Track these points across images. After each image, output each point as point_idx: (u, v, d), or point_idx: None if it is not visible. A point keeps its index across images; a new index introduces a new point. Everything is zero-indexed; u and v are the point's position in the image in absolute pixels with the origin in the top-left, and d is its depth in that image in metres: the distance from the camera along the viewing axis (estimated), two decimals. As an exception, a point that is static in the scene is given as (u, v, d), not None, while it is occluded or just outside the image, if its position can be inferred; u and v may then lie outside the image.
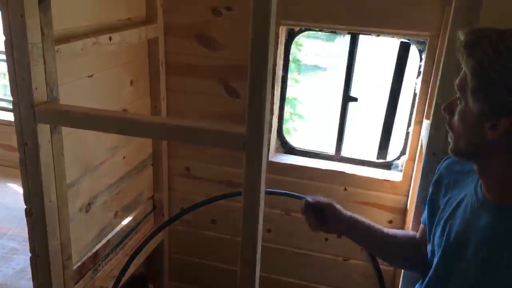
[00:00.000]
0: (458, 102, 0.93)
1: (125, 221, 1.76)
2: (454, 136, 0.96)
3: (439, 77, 1.33)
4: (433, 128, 1.31)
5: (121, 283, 1.67)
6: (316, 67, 6.73)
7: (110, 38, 1.39)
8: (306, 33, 1.84)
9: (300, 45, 3.90)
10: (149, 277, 2.09)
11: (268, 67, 0.92)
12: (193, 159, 1.95)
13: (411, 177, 1.73)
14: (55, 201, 1.21)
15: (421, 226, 1.21)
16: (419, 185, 1.36)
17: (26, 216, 1.19)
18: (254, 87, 0.93)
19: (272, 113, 1.83)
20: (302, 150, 1.93)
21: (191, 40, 1.77)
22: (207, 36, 1.76)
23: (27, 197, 1.17)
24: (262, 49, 0.90)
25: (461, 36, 0.91)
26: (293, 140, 1.96)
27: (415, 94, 1.72)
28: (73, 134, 1.33)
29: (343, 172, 1.80)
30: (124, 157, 1.68)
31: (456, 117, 0.94)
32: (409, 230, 1.56)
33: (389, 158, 1.85)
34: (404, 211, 1.77)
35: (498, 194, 0.94)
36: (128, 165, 1.72)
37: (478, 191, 0.98)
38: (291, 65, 1.90)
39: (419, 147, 1.68)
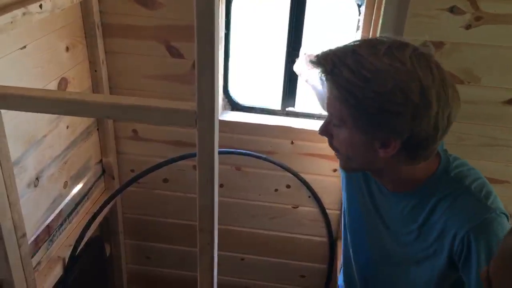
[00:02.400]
0: (334, 126, 0.94)
1: (76, 190, 1.75)
2: (343, 157, 0.99)
3: (378, 32, 1.37)
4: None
5: (78, 250, 1.69)
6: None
7: (40, 6, 1.30)
8: None
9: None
10: (105, 238, 2.11)
11: (216, 43, 0.92)
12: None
13: (353, 128, 1.82)
14: (2, 182, 1.18)
15: None
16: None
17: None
18: (203, 59, 0.93)
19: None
20: (247, 106, 1.96)
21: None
22: (145, -6, 1.68)
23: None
24: (209, 19, 0.88)
25: (316, 62, 0.89)
26: (237, 97, 1.97)
27: (355, 48, 1.77)
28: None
29: (290, 127, 1.86)
30: (67, 126, 1.64)
31: (340, 142, 0.95)
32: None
33: (332, 110, 1.92)
34: (347, 160, 1.88)
35: (391, 187, 1.05)
36: (73, 134, 1.68)
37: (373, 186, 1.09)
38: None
39: (360, 100, 1.76)
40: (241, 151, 1.84)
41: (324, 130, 0.99)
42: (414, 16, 1.56)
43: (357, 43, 0.89)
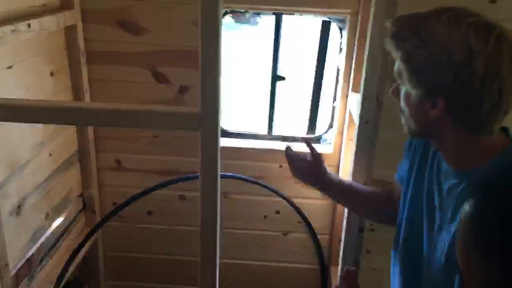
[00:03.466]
0: (400, 87, 1.00)
1: (57, 223, 1.65)
2: (405, 119, 1.02)
3: (366, 52, 1.41)
4: (364, 98, 1.40)
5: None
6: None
7: (29, 25, 1.28)
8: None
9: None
10: (84, 279, 1.98)
11: (219, 44, 0.92)
12: (124, 151, 1.88)
13: (340, 149, 1.84)
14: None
15: (397, 182, 1.25)
16: (356, 152, 1.45)
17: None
18: (207, 62, 0.92)
19: (203, 97, 1.82)
20: (234, 132, 1.95)
21: (113, 26, 1.69)
22: (130, 21, 1.69)
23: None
24: (214, 13, 0.88)
25: (387, 27, 0.96)
26: (223, 124, 1.97)
27: (338, 70, 1.82)
28: (-4, 131, 1.22)
29: (277, 150, 1.86)
30: (50, 154, 1.57)
31: (401, 101, 1.00)
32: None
33: (318, 132, 1.94)
34: (336, 181, 1.87)
35: (455, 163, 1.01)
36: (55, 162, 1.61)
37: (441, 163, 1.06)
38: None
39: (346, 120, 1.78)
40: (231, 174, 1.80)
41: (394, 90, 1.03)
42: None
43: (425, 11, 0.96)
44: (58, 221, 1.66)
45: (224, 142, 1.88)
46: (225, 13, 1.78)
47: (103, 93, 1.77)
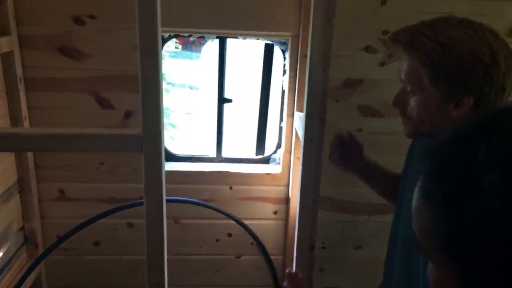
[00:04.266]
0: (411, 93, 1.02)
1: (-5, 258, 1.55)
2: (414, 123, 1.05)
3: (307, 72, 1.45)
4: (308, 116, 1.43)
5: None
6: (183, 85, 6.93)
7: (-40, 50, 1.23)
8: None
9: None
10: (27, 319, 1.86)
11: (159, 61, 0.92)
12: (67, 179, 1.81)
13: (289, 168, 1.86)
14: None
15: None
16: (303, 169, 1.47)
17: None
18: (147, 84, 0.92)
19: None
20: (183, 156, 1.93)
21: (53, 52, 1.65)
22: (71, 47, 1.65)
23: None
24: (152, 35, 0.89)
25: (394, 40, 1.01)
26: (172, 149, 1.95)
27: (283, 91, 1.86)
28: None
29: (227, 172, 1.86)
30: (-14, 185, 1.49)
31: (414, 107, 1.02)
32: (296, 217, 1.67)
33: (267, 153, 1.96)
34: (286, 201, 1.89)
35: None
36: (-8, 194, 1.53)
37: None
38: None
39: (293, 139, 1.82)
40: (178, 198, 1.77)
41: (396, 101, 1.05)
42: (334, 56, 1.68)
43: (429, 20, 1.01)
44: (-4, 256, 1.56)
45: (173, 166, 1.86)
46: (169, 37, 1.79)
47: (44, 121, 1.71)
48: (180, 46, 8.10)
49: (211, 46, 1.90)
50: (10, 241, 1.66)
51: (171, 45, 6.61)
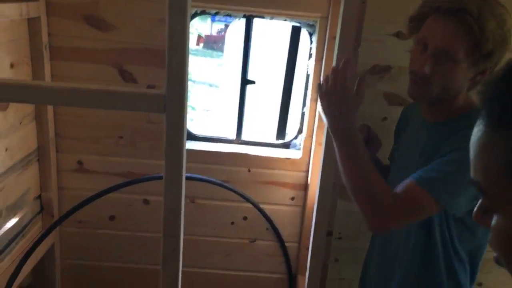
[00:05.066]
0: (434, 58, 1.05)
1: (11, 224, 1.55)
2: (432, 87, 1.08)
3: (335, 52, 1.41)
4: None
5: (9, 293, 1.47)
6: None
7: (-12, 9, 1.23)
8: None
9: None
10: (38, 287, 1.87)
11: (187, 18, 0.89)
12: (86, 152, 1.81)
13: (310, 154, 1.82)
14: None
15: None
16: (325, 151, 1.43)
17: None
18: (174, 42, 0.90)
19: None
20: (202, 136, 1.91)
21: (79, 21, 1.64)
22: (97, 17, 1.64)
23: None
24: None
25: (435, 4, 1.05)
26: (191, 129, 1.93)
27: (307, 75, 1.82)
28: None
29: (246, 154, 1.83)
30: (6, 149, 1.49)
31: (442, 73, 1.05)
32: (314, 202, 1.63)
33: (288, 138, 1.92)
34: (305, 187, 1.85)
35: (434, 117, 1.16)
36: (12, 158, 1.53)
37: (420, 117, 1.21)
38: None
39: (316, 124, 1.78)
40: (198, 176, 1.75)
41: (420, 64, 1.08)
42: (362, 40, 1.64)
43: None
44: (13, 221, 1.56)
45: (191, 145, 1.84)
46: (196, 14, 1.77)
47: (66, 90, 1.70)
48: (201, 44, 8.21)
49: (236, 28, 1.88)
50: (26, 208, 1.67)
51: (192, 43, 6.73)
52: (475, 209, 0.55)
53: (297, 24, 1.77)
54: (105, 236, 1.90)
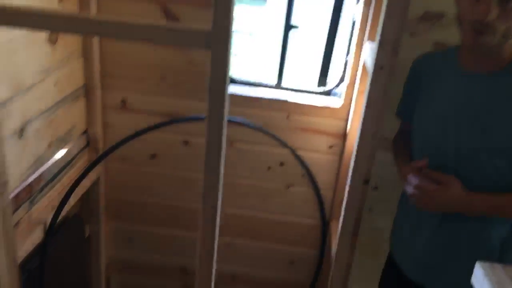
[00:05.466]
0: (504, 5, 1.00)
1: (59, 155, 1.64)
2: (500, 35, 1.04)
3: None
4: (381, 43, 1.35)
5: (58, 220, 1.57)
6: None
7: None
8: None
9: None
10: (84, 218, 1.98)
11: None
12: (130, 90, 1.85)
13: (351, 102, 1.80)
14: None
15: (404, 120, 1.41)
16: (368, 97, 1.41)
17: (-45, 133, 1.05)
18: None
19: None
20: (242, 81, 1.91)
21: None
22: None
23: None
24: None
25: None
26: (231, 73, 1.93)
27: (353, 22, 1.77)
28: (1, 48, 1.19)
29: (285, 101, 1.82)
30: (55, 83, 1.54)
31: (507, 19, 1.02)
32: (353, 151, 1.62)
33: (329, 85, 1.90)
34: (344, 136, 1.84)
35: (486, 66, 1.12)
36: (60, 93, 1.59)
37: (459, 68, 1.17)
38: None
39: (359, 72, 1.74)
40: (240, 119, 1.77)
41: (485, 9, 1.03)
42: (416, -15, 1.57)
43: None
44: (61, 153, 1.64)
45: (232, 89, 1.85)
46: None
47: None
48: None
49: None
50: (73, 142, 1.74)
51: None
52: None
53: (347, -34, 1.70)
54: (146, 173, 1.98)
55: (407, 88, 1.39)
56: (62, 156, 1.65)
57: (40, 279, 1.52)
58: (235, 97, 1.82)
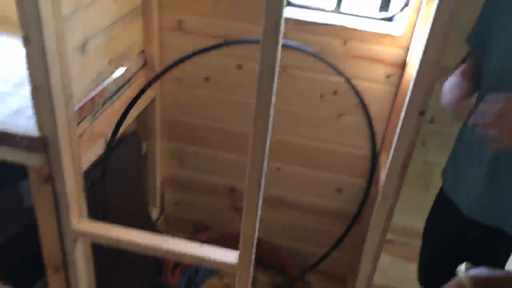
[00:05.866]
0: None
1: (119, 72, 1.70)
2: None
3: None
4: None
5: (118, 135, 1.66)
6: None
7: None
8: None
9: None
10: (141, 136, 2.08)
11: None
12: (186, 11, 1.84)
13: (413, 30, 1.71)
14: (53, 29, 1.12)
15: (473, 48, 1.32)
16: (433, 23, 1.33)
17: (24, 45, 1.11)
18: None
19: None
20: (300, 4, 1.85)
21: None
22: None
23: (23, 22, 1.08)
24: None
25: None
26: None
27: None
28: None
29: (343, 26, 1.75)
30: (115, 0, 1.56)
31: None
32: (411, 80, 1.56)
33: (392, 11, 1.80)
34: (403, 66, 1.77)
35: None
36: (119, 10, 1.61)
37: None
38: None
39: (425, -3, 1.63)
40: (293, 43, 1.73)
41: None
42: None
43: None
44: (120, 70, 1.70)
45: (287, 12, 1.79)
46: None
47: None
48: None
49: None
50: (131, 61, 1.79)
51: None
52: None
53: None
54: (200, 96, 2.02)
55: (484, 9, 1.28)
56: (121, 74, 1.71)
57: (102, 188, 1.64)
58: (291, 21, 1.78)
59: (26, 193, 2.13)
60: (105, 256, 1.71)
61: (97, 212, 1.63)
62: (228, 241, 1.54)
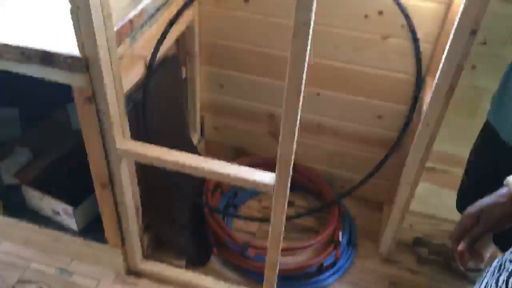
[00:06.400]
0: None
1: (156, -6, 1.66)
2: None
3: None
4: None
5: (157, 58, 1.66)
6: None
7: None
8: None
9: None
10: (181, 60, 2.08)
11: None
12: None
13: None
14: None
15: None
16: None
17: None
18: None
19: None
20: None
21: None
22: None
23: None
24: None
25: None
26: None
27: None
28: None
29: None
30: None
31: None
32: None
33: None
34: None
35: None
36: None
37: None
38: None
39: None
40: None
41: None
42: None
43: None
44: (157, -8, 1.66)
45: None
46: None
47: None
48: None
49: None
50: (169, -19, 1.74)
51: None
52: None
53: None
54: (239, 18, 1.97)
55: None
56: (158, -4, 1.68)
57: (144, 110, 1.68)
58: None
59: (74, 116, 2.22)
60: (149, 175, 1.79)
61: (140, 134, 1.68)
62: (267, 166, 1.56)
